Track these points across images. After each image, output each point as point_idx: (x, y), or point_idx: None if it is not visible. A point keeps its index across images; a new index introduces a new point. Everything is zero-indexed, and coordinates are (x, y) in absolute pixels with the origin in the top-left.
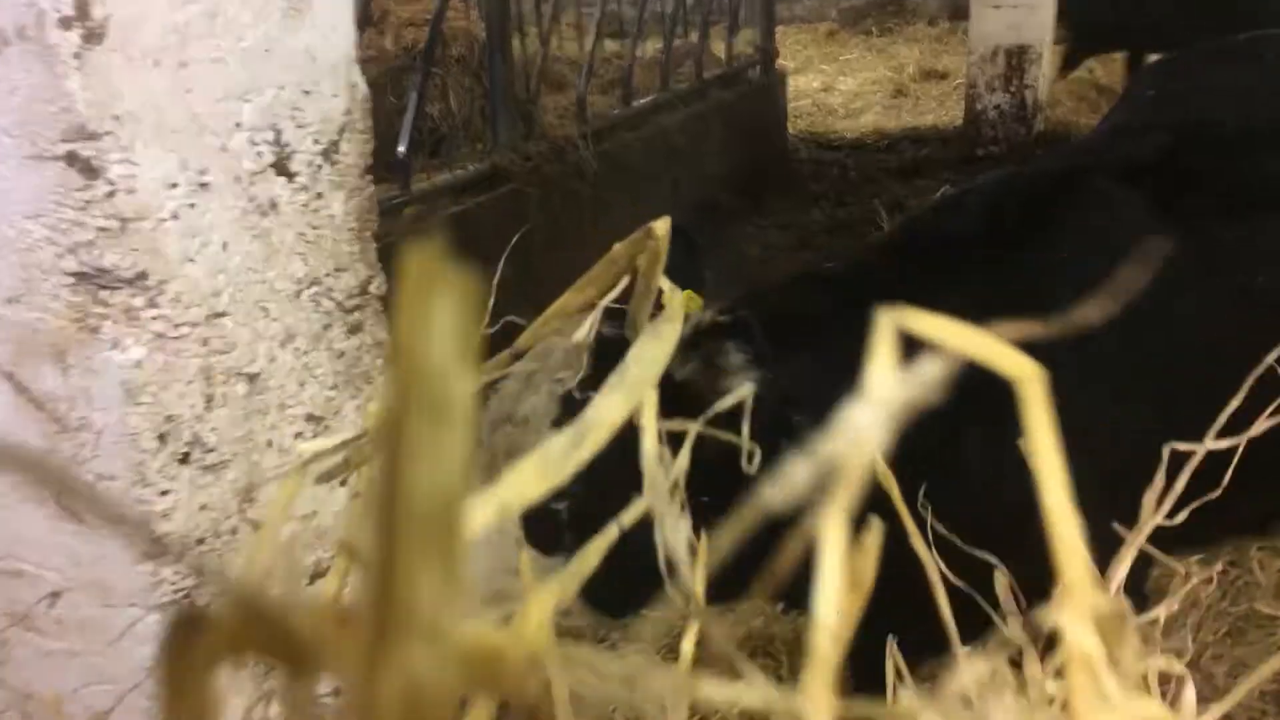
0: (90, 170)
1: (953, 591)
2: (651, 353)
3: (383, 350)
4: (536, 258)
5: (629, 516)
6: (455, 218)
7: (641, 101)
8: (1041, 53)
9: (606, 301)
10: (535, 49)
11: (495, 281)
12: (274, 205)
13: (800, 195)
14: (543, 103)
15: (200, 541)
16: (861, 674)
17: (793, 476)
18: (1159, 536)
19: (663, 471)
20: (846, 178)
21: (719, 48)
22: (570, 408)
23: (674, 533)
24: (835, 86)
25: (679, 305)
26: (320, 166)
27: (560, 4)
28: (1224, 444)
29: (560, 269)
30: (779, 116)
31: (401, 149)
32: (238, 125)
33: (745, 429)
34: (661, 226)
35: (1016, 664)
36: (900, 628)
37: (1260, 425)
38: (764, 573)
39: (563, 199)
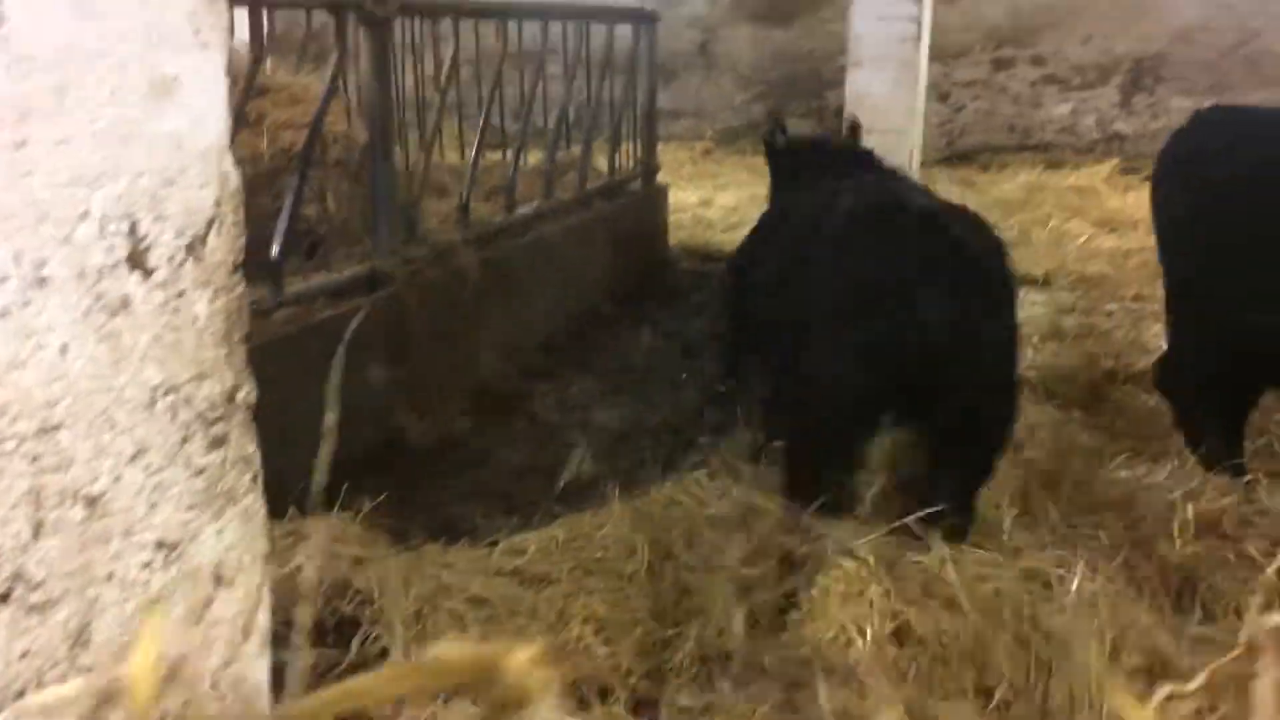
0: None
1: None
2: None
3: (250, 465)
4: (417, 361)
5: None
6: (332, 321)
7: (524, 210)
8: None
9: None
10: (417, 156)
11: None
12: (126, 304)
13: (682, 304)
14: (425, 208)
15: (20, 694)
16: None
17: None
18: None
19: None
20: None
21: (603, 161)
22: None
23: None
24: (713, 201)
25: None
26: (183, 262)
27: (443, 113)
28: None
29: (440, 372)
30: (660, 228)
31: (275, 250)
32: (85, 214)
33: None
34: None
35: None
36: None
37: None
38: None
39: (444, 304)
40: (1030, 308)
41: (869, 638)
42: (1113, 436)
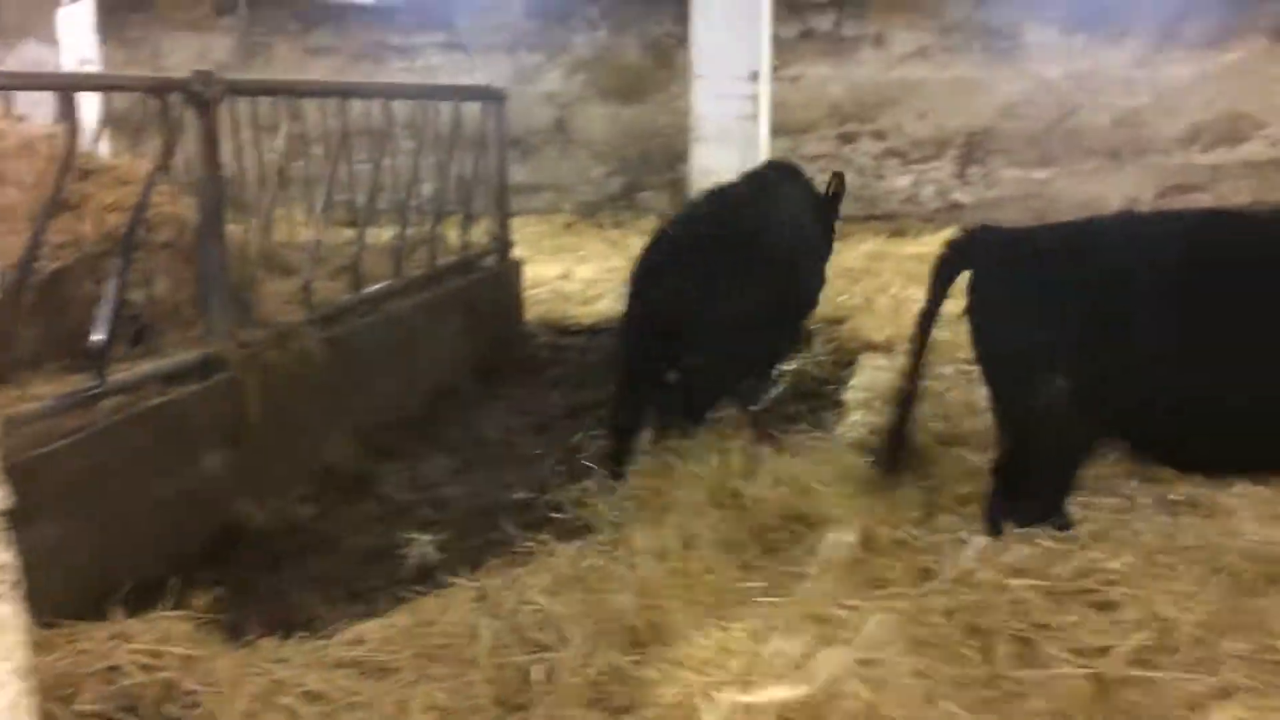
0: None
1: None
2: None
3: (9, 573)
4: (256, 446)
5: None
6: (162, 409)
7: (373, 287)
8: None
9: None
10: (258, 235)
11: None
12: None
13: (539, 379)
14: (267, 289)
15: None
16: None
17: None
18: None
19: None
20: (584, 362)
21: (456, 236)
22: None
23: None
24: (573, 274)
25: None
26: None
27: (287, 190)
28: None
29: (282, 456)
30: (515, 303)
31: (98, 336)
32: None
33: None
34: None
35: None
36: None
37: None
38: None
39: (285, 386)
40: (873, 373)
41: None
42: (935, 494)
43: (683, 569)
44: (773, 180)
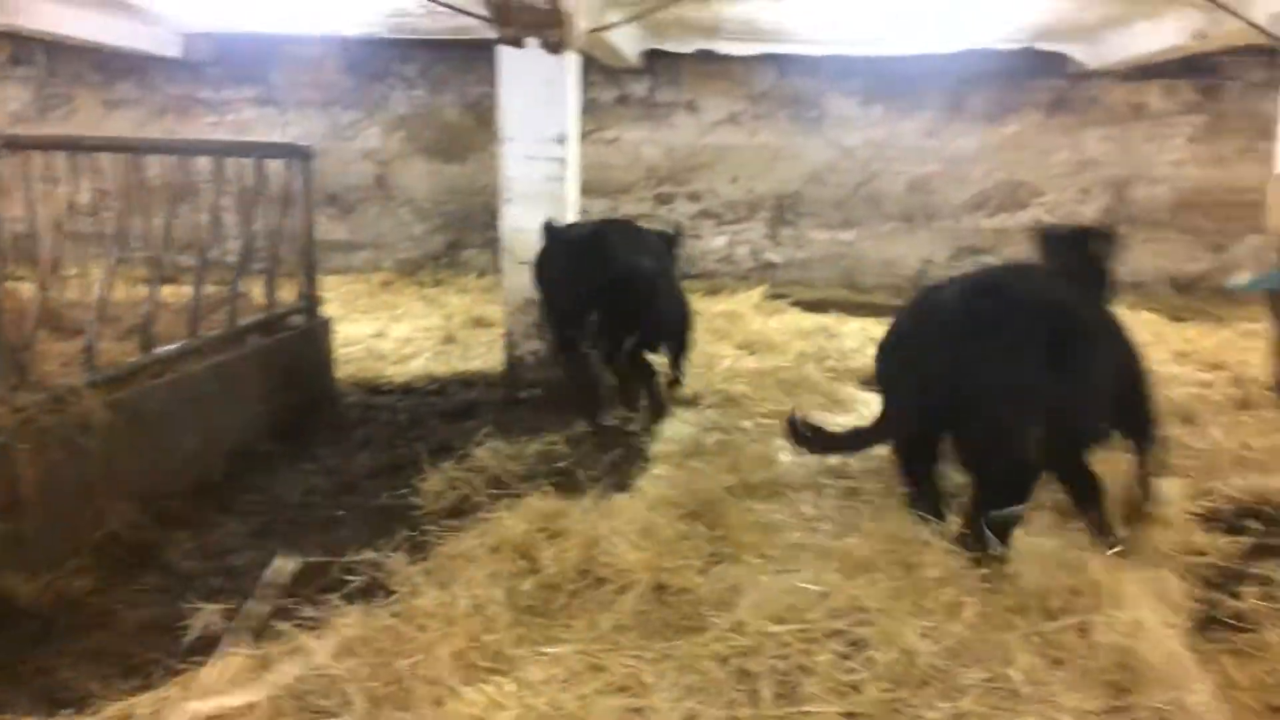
0: None
1: None
2: None
3: None
4: (29, 516)
5: None
6: None
7: (166, 348)
8: None
9: None
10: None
11: None
12: None
13: (347, 439)
14: (45, 350)
15: None
16: None
17: None
18: None
19: None
20: (396, 421)
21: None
22: None
23: None
24: (388, 333)
25: None
26: None
27: (79, 247)
28: None
29: (58, 526)
30: (324, 362)
31: None
32: None
33: None
34: None
35: None
36: None
37: None
38: None
39: (64, 452)
40: (680, 427)
41: None
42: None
43: (467, 630)
44: None
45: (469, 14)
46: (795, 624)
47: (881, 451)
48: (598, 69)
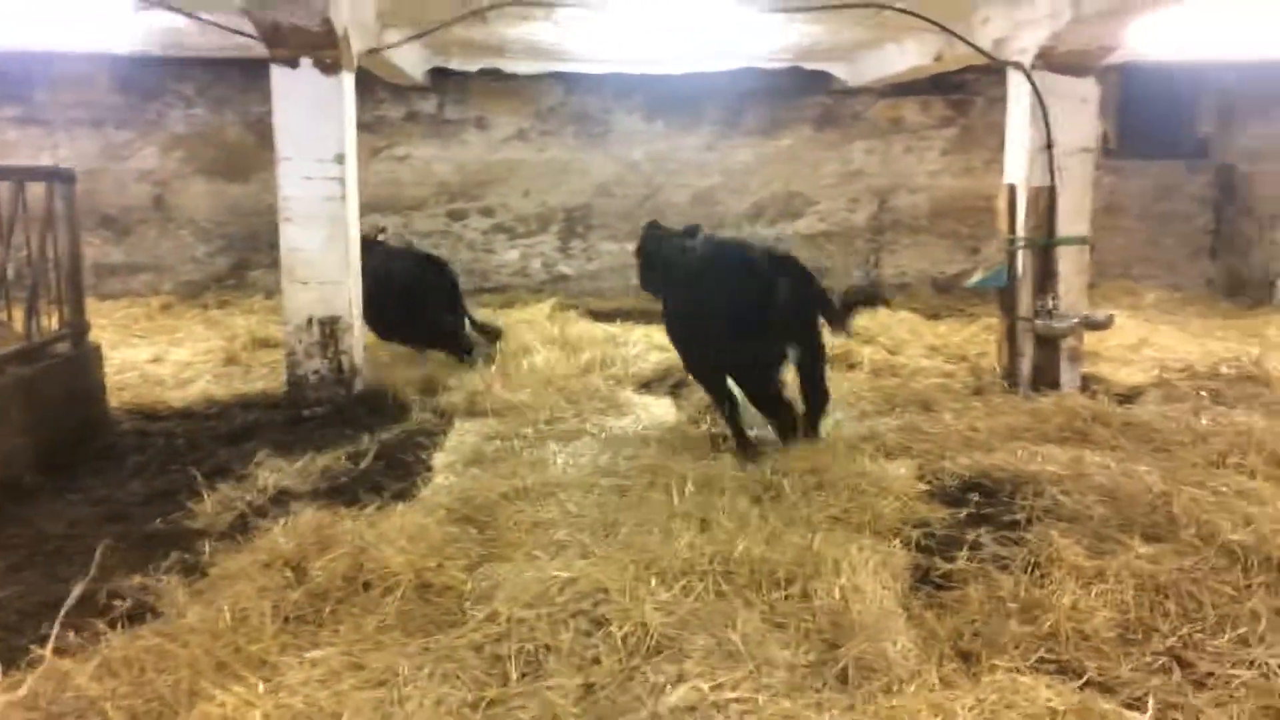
0: None
1: None
2: None
3: None
4: None
5: None
6: None
7: None
8: (352, 323)
9: None
10: None
11: None
12: None
13: (119, 467)
14: None
15: None
16: None
17: None
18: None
19: None
20: (173, 446)
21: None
22: None
23: None
24: (166, 357)
25: None
26: None
27: None
28: None
29: None
30: (94, 390)
31: None
32: None
33: None
34: None
35: None
36: None
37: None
38: None
39: None
40: (463, 437)
41: None
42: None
43: (231, 642)
44: None
45: (240, 34)
46: (544, 608)
47: (648, 452)
48: (385, 86)
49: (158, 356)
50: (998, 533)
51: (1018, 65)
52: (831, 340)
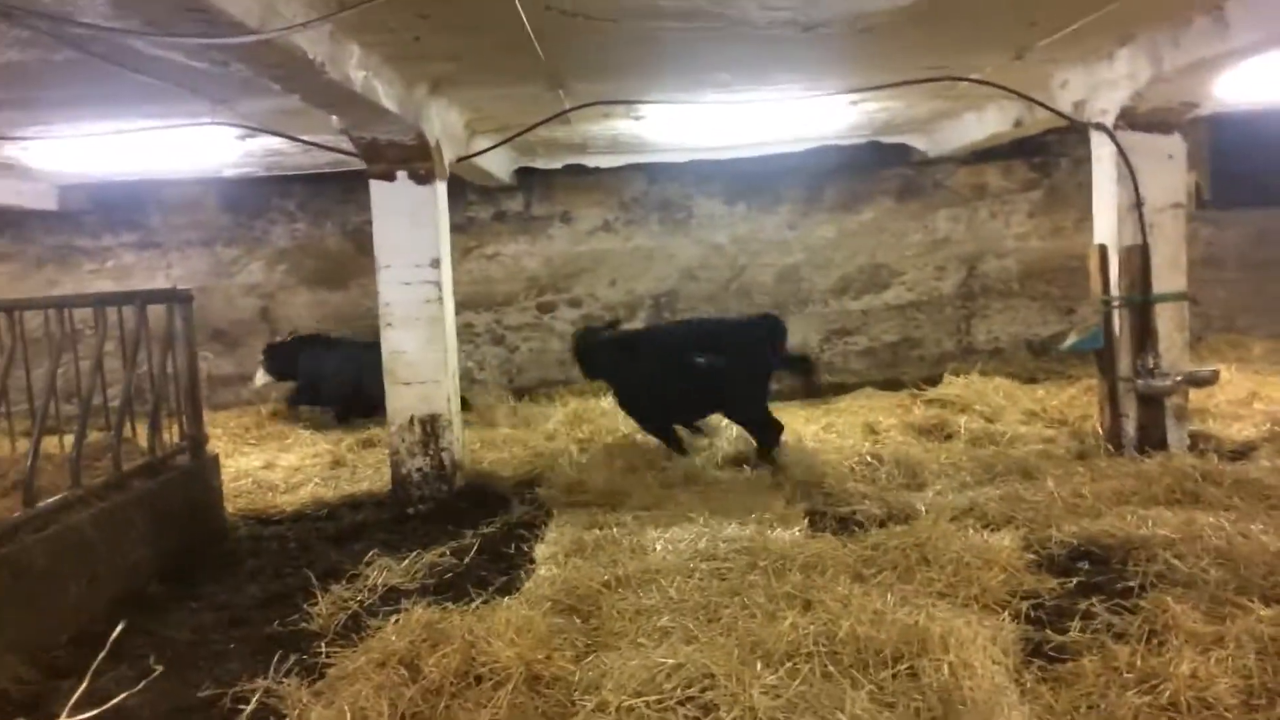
0: None
1: None
2: None
3: None
4: None
5: None
6: None
7: (48, 501)
8: (451, 419)
9: None
10: None
11: None
12: None
13: (237, 573)
14: None
15: None
16: None
17: None
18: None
19: None
20: (286, 549)
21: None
22: None
23: None
24: (276, 463)
25: None
26: None
27: None
28: None
29: None
30: (212, 498)
31: None
32: None
33: None
34: None
35: None
36: None
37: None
38: None
39: None
40: (562, 528)
41: None
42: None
43: None
44: None
45: (340, 151)
46: (652, 696)
47: (745, 534)
48: (474, 189)
49: (269, 462)
50: (1110, 601)
51: (1100, 126)
52: (925, 411)
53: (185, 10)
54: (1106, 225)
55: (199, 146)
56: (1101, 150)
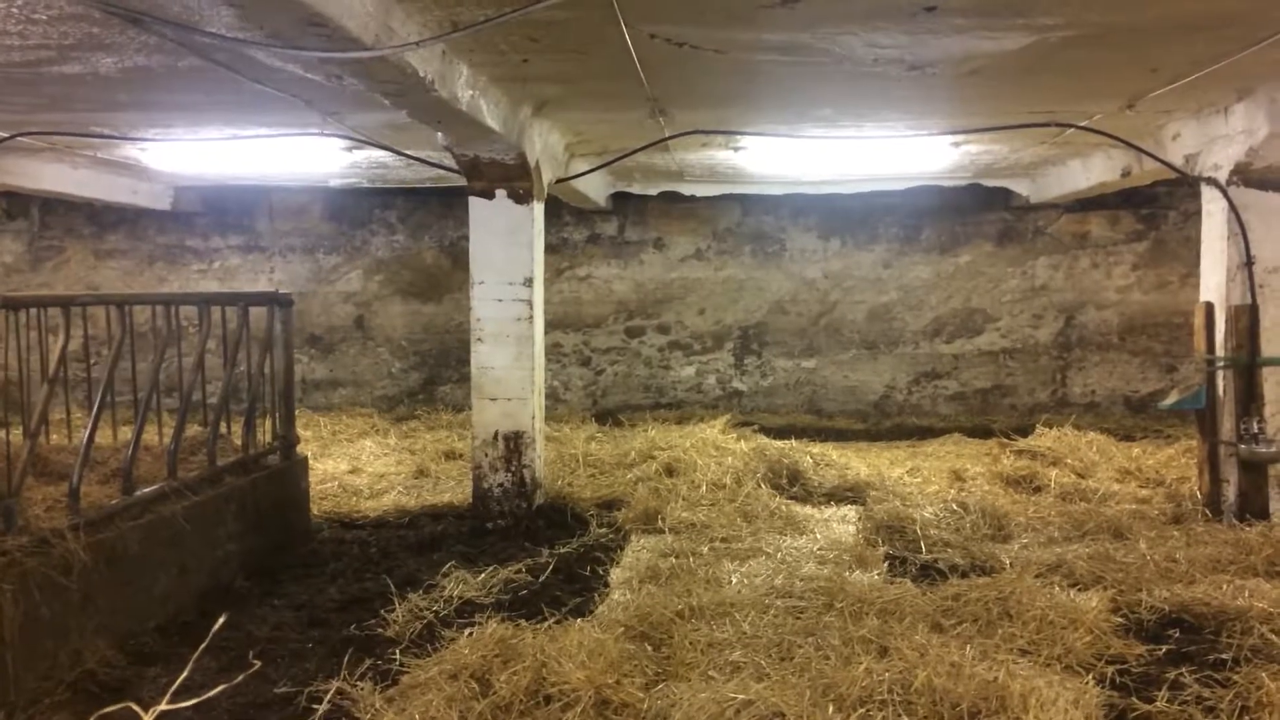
0: None
1: None
2: None
3: None
4: (10, 657)
5: None
6: None
7: (145, 491)
8: (535, 438)
9: None
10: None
11: None
12: None
13: (319, 574)
14: (31, 495)
15: None
16: None
17: None
18: None
19: None
20: (366, 554)
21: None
22: None
23: None
24: (362, 468)
25: None
26: None
27: (66, 394)
28: None
29: (35, 665)
30: (299, 499)
31: None
32: None
33: None
34: None
35: None
36: None
37: None
38: None
39: (44, 593)
40: (638, 553)
41: None
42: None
43: None
44: None
45: (443, 167)
46: None
47: (823, 573)
48: (569, 210)
49: (355, 468)
50: (1201, 673)
51: (1212, 181)
52: (1015, 462)
53: (307, 25)
54: (1214, 282)
55: (308, 156)
56: (1213, 205)
